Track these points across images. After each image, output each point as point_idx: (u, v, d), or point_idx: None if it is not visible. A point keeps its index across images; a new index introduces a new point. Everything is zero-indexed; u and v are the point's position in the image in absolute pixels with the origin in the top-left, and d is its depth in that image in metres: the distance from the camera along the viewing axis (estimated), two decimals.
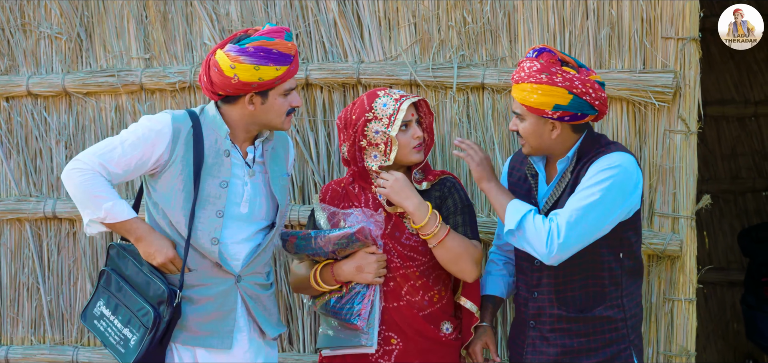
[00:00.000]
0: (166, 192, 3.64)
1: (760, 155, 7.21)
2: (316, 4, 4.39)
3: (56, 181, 4.72)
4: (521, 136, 3.63)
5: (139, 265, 3.64)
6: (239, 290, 3.69)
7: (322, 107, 4.42)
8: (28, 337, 4.80)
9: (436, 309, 3.78)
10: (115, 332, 3.65)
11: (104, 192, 3.56)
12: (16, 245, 4.80)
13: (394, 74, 4.29)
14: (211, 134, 3.67)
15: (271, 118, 3.67)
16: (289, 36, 3.65)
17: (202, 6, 4.50)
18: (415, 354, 3.73)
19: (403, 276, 3.73)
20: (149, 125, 3.63)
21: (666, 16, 4.04)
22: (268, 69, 3.57)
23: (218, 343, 3.65)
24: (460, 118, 4.27)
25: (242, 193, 3.69)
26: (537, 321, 3.69)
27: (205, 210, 3.63)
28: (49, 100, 4.71)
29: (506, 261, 3.95)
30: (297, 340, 4.52)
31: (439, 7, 4.27)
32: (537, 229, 3.50)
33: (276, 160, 3.81)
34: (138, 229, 3.61)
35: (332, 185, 3.92)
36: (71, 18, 4.66)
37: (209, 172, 3.64)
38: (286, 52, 3.60)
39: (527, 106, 3.55)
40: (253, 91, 3.60)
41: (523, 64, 3.58)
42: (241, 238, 3.70)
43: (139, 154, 3.59)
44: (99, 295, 3.73)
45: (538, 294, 3.68)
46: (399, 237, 3.74)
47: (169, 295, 3.56)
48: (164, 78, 4.53)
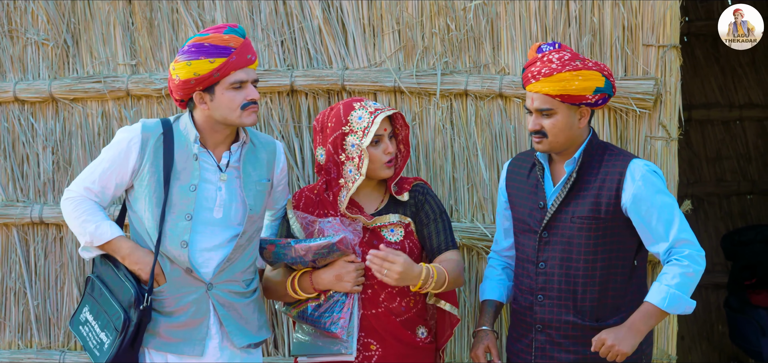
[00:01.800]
0: (139, 199, 3.69)
1: (744, 159, 7.25)
2: (301, 11, 4.42)
3: (43, 186, 4.73)
4: (545, 135, 3.61)
5: (117, 270, 3.68)
6: (210, 298, 3.70)
7: (307, 113, 4.44)
8: (15, 341, 4.81)
9: (413, 314, 3.80)
10: (94, 337, 3.69)
11: (89, 216, 3.66)
12: (3, 250, 4.81)
13: (379, 81, 4.32)
14: (183, 140, 3.70)
15: (224, 113, 3.64)
16: (232, 31, 3.64)
17: (188, 13, 4.52)
18: (393, 359, 3.75)
19: (380, 283, 3.72)
20: (121, 138, 3.70)
21: (647, 23, 4.08)
22: (200, 63, 3.58)
23: (190, 350, 3.67)
24: (444, 125, 4.30)
25: (215, 197, 3.69)
26: (545, 326, 3.69)
27: (173, 214, 3.65)
28: (36, 106, 4.72)
29: (505, 265, 3.96)
30: (282, 345, 4.53)
31: (422, 14, 4.30)
32: (686, 278, 3.53)
33: (255, 165, 3.78)
34: (121, 248, 3.67)
35: (305, 192, 3.89)
36: (58, 24, 4.67)
37: (178, 176, 3.66)
38: (220, 45, 3.59)
39: (565, 95, 3.56)
40: (196, 88, 3.62)
41: (548, 57, 3.59)
42: (214, 244, 3.69)
43: (117, 168, 3.66)
44: (85, 302, 3.77)
45: (544, 298, 3.68)
46: (376, 245, 3.73)
47: (136, 298, 3.58)
48: (150, 84, 4.55)
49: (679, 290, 3.53)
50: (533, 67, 3.61)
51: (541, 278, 3.68)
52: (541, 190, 3.72)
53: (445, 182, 4.31)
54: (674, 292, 3.52)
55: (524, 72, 3.67)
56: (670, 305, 3.53)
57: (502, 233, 3.97)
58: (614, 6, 4.10)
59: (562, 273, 3.65)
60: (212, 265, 3.69)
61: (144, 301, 3.58)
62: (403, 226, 3.79)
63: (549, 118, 3.60)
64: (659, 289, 3.55)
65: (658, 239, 3.59)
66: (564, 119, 3.61)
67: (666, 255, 3.59)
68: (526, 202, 3.76)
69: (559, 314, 3.65)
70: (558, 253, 3.66)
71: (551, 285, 3.67)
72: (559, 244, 3.66)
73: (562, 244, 3.65)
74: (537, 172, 3.75)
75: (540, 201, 3.71)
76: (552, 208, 3.67)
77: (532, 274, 3.71)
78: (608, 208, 3.61)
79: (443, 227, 3.81)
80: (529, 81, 3.62)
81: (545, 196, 3.70)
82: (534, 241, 3.71)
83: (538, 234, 3.69)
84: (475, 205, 4.31)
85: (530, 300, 3.72)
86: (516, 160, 3.91)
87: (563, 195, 3.66)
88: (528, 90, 3.64)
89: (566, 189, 3.66)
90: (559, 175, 3.73)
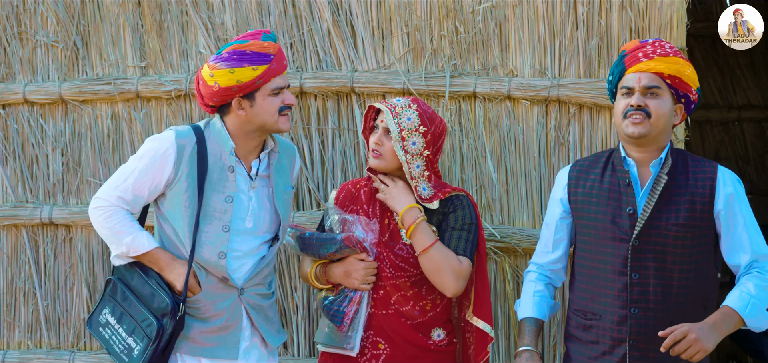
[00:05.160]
0: (173, 209, 3.69)
1: (742, 159, 7.31)
2: (310, 13, 4.45)
3: (53, 187, 4.76)
4: (649, 114, 3.46)
5: (146, 277, 3.68)
6: (242, 303, 3.74)
7: (316, 115, 4.48)
8: (24, 341, 4.83)
9: (429, 318, 3.79)
10: (120, 341, 3.69)
11: (125, 227, 3.65)
12: (12, 251, 4.83)
13: (388, 83, 4.36)
14: (216, 149, 3.70)
15: (263, 119, 3.68)
16: (268, 37, 3.68)
17: (197, 15, 4.55)
18: (402, 359, 3.76)
19: (393, 286, 3.75)
20: (155, 147, 3.67)
21: (654, 26, 4.11)
22: (244, 70, 3.61)
23: (224, 354, 3.71)
24: (452, 126, 4.34)
25: (247, 207, 3.73)
26: (638, 340, 3.48)
27: (211, 225, 3.67)
28: (46, 107, 4.75)
29: (548, 282, 3.79)
30: (291, 345, 4.56)
31: (431, 16, 4.34)
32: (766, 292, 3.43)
33: (281, 173, 3.83)
34: (160, 259, 3.67)
35: (348, 186, 3.96)
36: (67, 26, 4.70)
37: (213, 187, 3.67)
38: (262, 52, 3.63)
39: (677, 78, 3.48)
40: (237, 94, 3.64)
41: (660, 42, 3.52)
42: (245, 251, 3.73)
43: (150, 179, 3.65)
44: (105, 303, 3.77)
45: (638, 311, 3.47)
46: (393, 246, 3.77)
47: (173, 308, 3.60)
48: (160, 86, 4.57)
49: (761, 302, 3.41)
50: (644, 48, 3.50)
51: (636, 289, 3.47)
52: (628, 195, 3.52)
53: (454, 183, 4.34)
54: (756, 302, 3.41)
55: (628, 55, 3.54)
56: (750, 314, 3.41)
57: (550, 245, 3.75)
58: (621, 9, 4.14)
59: (657, 284, 3.46)
60: (244, 272, 3.73)
61: (180, 311, 3.60)
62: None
63: (655, 98, 3.47)
64: (741, 296, 3.43)
65: (741, 250, 3.49)
66: (667, 106, 3.48)
67: (746, 267, 3.50)
68: (605, 208, 3.56)
69: (656, 328, 3.43)
70: (652, 262, 3.47)
71: (646, 296, 3.47)
72: (652, 254, 3.47)
73: (655, 254, 3.47)
74: (618, 176, 3.57)
75: (627, 207, 3.51)
76: (644, 214, 3.48)
77: (621, 286, 3.49)
78: (703, 214, 3.48)
79: (460, 236, 3.74)
80: (640, 60, 3.49)
81: (635, 202, 3.51)
82: (623, 250, 3.50)
83: (628, 243, 3.49)
84: (483, 205, 4.34)
85: (622, 314, 3.49)
86: (580, 164, 3.72)
87: (654, 200, 3.48)
88: (635, 70, 3.49)
89: (657, 193, 3.49)
90: (644, 178, 3.55)
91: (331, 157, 4.46)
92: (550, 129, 4.26)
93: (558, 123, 4.25)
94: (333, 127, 4.46)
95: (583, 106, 4.20)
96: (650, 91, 3.47)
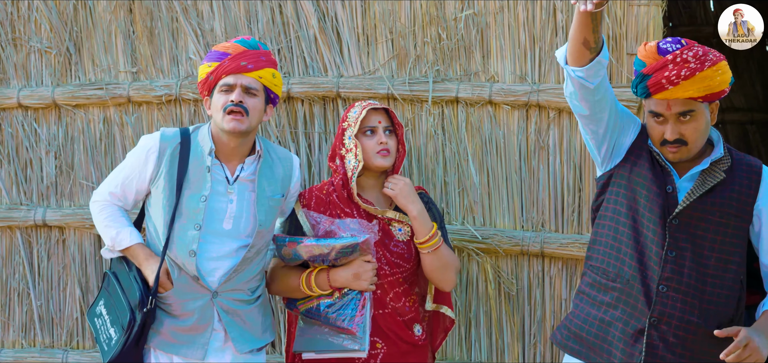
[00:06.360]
0: (155, 206, 3.80)
1: None
2: (297, 20, 4.53)
3: (46, 190, 4.83)
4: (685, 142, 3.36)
5: (128, 269, 3.80)
6: (215, 306, 3.77)
7: (303, 119, 4.55)
8: (18, 340, 4.90)
9: (415, 314, 3.90)
10: (105, 331, 3.81)
11: (112, 222, 3.81)
12: (7, 252, 4.90)
13: (372, 88, 4.44)
14: (199, 151, 3.80)
15: (215, 117, 3.78)
16: (241, 41, 3.78)
17: (187, 22, 4.63)
18: (396, 356, 3.84)
19: (390, 283, 3.83)
20: (142, 145, 3.83)
21: (631, 33, 4.19)
22: (202, 67, 3.82)
23: (192, 353, 3.75)
24: (435, 130, 4.42)
25: (225, 209, 3.78)
26: (660, 320, 3.38)
27: (183, 223, 3.74)
28: (39, 111, 4.82)
29: None
30: (279, 343, 4.63)
31: (415, 23, 4.42)
32: None
33: (270, 180, 3.85)
34: (137, 255, 3.78)
35: (315, 192, 3.94)
36: (61, 33, 4.77)
37: (190, 186, 3.76)
38: (220, 51, 3.78)
39: (708, 94, 3.28)
40: (203, 93, 3.84)
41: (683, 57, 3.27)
42: (221, 254, 3.77)
43: (137, 175, 3.79)
44: (101, 295, 3.90)
45: (667, 289, 3.37)
46: (388, 244, 3.84)
47: (141, 300, 3.68)
48: (151, 91, 4.65)
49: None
50: (667, 71, 3.28)
51: (669, 267, 3.37)
52: (666, 172, 3.44)
53: (437, 186, 4.42)
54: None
55: (651, 78, 3.33)
56: None
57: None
58: None
59: (692, 267, 3.37)
60: (219, 275, 3.77)
61: (148, 304, 3.69)
62: (408, 225, 3.88)
63: (690, 123, 3.33)
64: None
65: None
66: (703, 119, 3.35)
67: None
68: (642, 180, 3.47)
69: (683, 311, 3.36)
70: (690, 244, 3.38)
71: (680, 277, 3.36)
72: (690, 236, 3.39)
73: (694, 237, 3.39)
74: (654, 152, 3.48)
75: (666, 185, 3.43)
76: (686, 197, 3.39)
77: (654, 261, 3.39)
78: (745, 206, 3.41)
79: (443, 234, 3.89)
80: (665, 87, 3.28)
81: (674, 181, 3.43)
82: (659, 227, 3.40)
83: (666, 220, 3.40)
84: (465, 208, 4.42)
85: (650, 288, 3.39)
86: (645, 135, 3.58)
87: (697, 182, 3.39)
88: (662, 97, 3.32)
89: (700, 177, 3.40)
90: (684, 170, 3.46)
91: (318, 161, 4.54)
92: (531, 133, 4.34)
93: (538, 127, 4.33)
94: (319, 131, 4.54)
95: (563, 110, 4.28)
96: (683, 117, 3.34)
